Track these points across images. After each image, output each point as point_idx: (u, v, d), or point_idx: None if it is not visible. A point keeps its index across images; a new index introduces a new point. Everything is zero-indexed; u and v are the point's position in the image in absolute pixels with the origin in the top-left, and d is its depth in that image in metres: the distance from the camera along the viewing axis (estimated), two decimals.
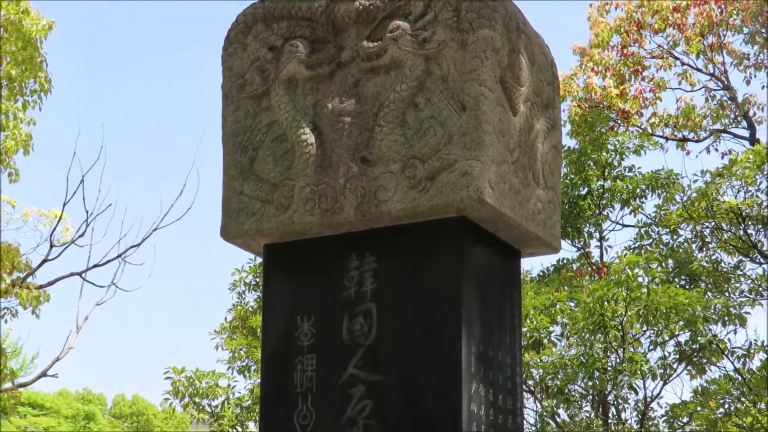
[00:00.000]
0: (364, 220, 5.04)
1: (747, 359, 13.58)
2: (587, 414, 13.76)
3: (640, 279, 13.10)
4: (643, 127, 19.87)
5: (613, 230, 16.80)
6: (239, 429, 14.88)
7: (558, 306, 13.50)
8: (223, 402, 15.18)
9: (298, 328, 5.15)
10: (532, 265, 18.12)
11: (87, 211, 15.11)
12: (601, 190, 16.24)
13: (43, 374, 14.38)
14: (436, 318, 4.88)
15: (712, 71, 20.79)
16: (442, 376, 4.81)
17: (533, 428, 14.04)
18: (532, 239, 5.34)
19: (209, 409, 15.16)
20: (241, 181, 5.33)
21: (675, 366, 13.81)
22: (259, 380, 14.51)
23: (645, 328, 13.50)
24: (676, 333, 13.54)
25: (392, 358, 4.92)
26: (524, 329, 13.13)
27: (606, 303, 12.85)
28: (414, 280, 4.97)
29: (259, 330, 15.05)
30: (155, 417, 45.64)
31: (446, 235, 4.96)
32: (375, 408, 4.91)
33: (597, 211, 16.34)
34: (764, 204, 14.70)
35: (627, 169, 16.39)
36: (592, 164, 16.12)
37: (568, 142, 16.82)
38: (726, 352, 13.58)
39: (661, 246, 15.60)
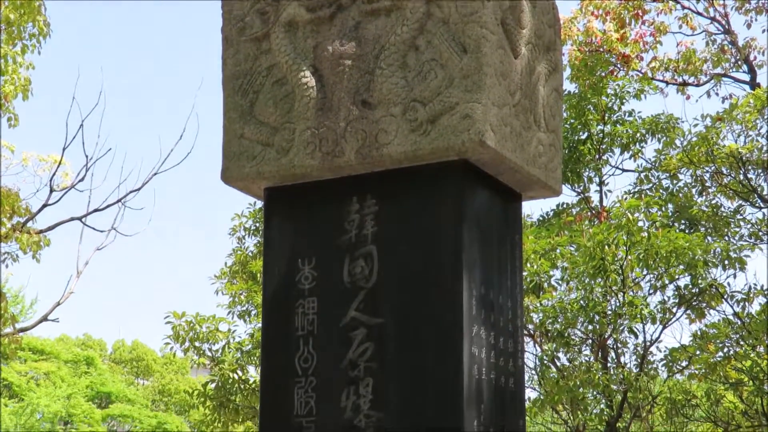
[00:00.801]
0: (365, 163, 5.03)
1: (746, 303, 13.60)
2: (587, 358, 13.81)
3: (640, 223, 13.10)
4: (643, 71, 19.80)
5: (612, 175, 16.80)
6: (240, 373, 14.93)
7: (558, 250, 13.51)
8: (223, 346, 15.23)
9: (298, 272, 5.15)
10: (532, 210, 18.20)
11: (87, 156, 15.10)
12: (601, 135, 16.21)
13: (44, 319, 14.42)
14: (436, 261, 4.88)
15: (712, 15, 20.68)
16: (442, 318, 4.82)
17: (533, 372, 14.10)
18: (533, 182, 5.33)
19: (210, 354, 15.22)
20: (241, 125, 5.31)
21: (674, 310, 13.84)
22: (259, 324, 14.55)
23: (645, 272, 13.51)
24: (676, 277, 13.55)
25: (393, 301, 4.93)
26: (524, 273, 13.13)
27: (606, 247, 12.86)
28: (415, 224, 4.96)
29: (259, 275, 15.07)
30: (155, 362, 45.80)
31: (447, 179, 4.95)
32: (376, 351, 4.92)
33: (597, 156, 16.32)
34: (764, 148, 14.67)
35: (627, 114, 16.35)
36: (592, 109, 16.08)
37: (568, 86, 16.76)
38: (725, 296, 13.60)
39: (661, 190, 15.60)
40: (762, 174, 14.98)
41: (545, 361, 13.70)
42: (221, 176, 5.38)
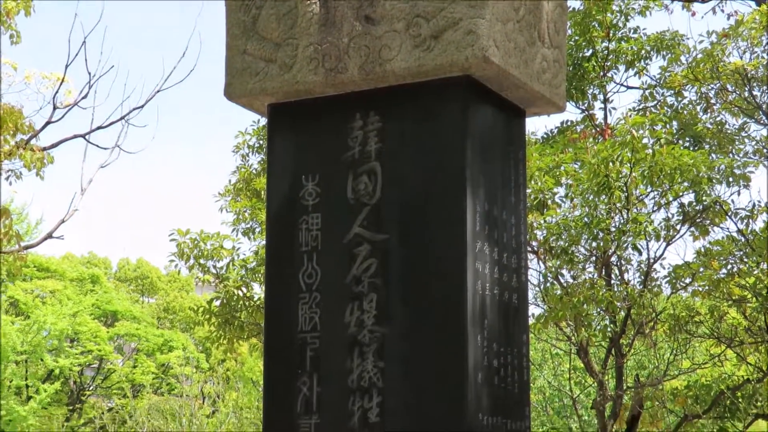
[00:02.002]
0: (368, 79, 5.02)
1: (750, 220, 13.59)
2: (591, 274, 13.84)
3: (644, 140, 13.06)
4: None
5: (617, 92, 16.72)
6: (244, 290, 14.99)
7: (562, 167, 13.49)
8: (227, 264, 15.28)
9: (302, 188, 5.16)
10: (536, 127, 18.14)
11: (89, 73, 15.02)
12: (606, 52, 16.12)
13: (49, 236, 14.45)
14: (440, 177, 4.89)
15: None
16: (446, 234, 4.83)
17: (537, 289, 14.16)
18: (537, 98, 5.31)
19: (214, 271, 15.27)
20: (244, 41, 5.29)
21: (678, 227, 13.85)
22: (263, 242, 14.60)
23: (649, 189, 13.51)
24: (680, 194, 13.55)
25: (397, 217, 4.94)
26: (528, 191, 13.14)
27: (610, 164, 12.84)
28: (418, 140, 4.96)
29: (263, 192, 15.08)
30: (160, 280, 45.99)
31: (451, 95, 4.94)
32: (380, 267, 4.94)
33: (601, 73, 16.24)
34: None
35: (632, 31, 16.24)
36: (596, 25, 15.96)
37: (573, 3, 16.63)
38: (729, 213, 13.60)
39: (666, 108, 15.53)
40: (767, 91, 14.91)
41: (549, 278, 13.74)
42: (224, 92, 5.37)
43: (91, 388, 39.39)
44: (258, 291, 15.20)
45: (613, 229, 13.25)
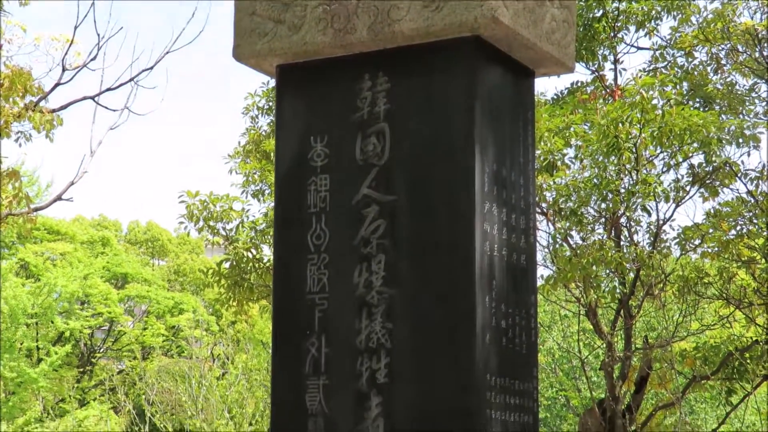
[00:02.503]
0: (377, 39, 5.01)
1: (760, 181, 13.58)
2: (600, 236, 13.84)
3: (654, 101, 13.03)
4: None
5: (627, 53, 16.67)
6: (254, 252, 15.01)
7: (572, 128, 13.46)
8: (237, 225, 15.30)
9: (311, 149, 5.16)
10: (546, 88, 18.07)
11: (98, 35, 14.98)
12: (616, 12, 16.05)
13: (59, 198, 14.46)
14: (449, 138, 4.88)
15: None
16: (455, 194, 4.83)
17: (547, 250, 14.16)
18: (546, 59, 5.29)
19: (224, 233, 15.29)
20: (252, 2, 5.27)
21: (688, 188, 13.84)
22: (272, 204, 14.60)
23: (659, 150, 13.49)
24: (690, 155, 13.52)
25: (405, 178, 4.94)
26: (538, 152, 13.12)
27: (620, 125, 12.81)
28: (427, 101, 4.95)
29: (272, 154, 15.07)
30: (170, 242, 46.06)
31: (459, 55, 4.92)
32: (388, 228, 4.94)
33: (611, 34, 16.17)
34: None
35: None
36: None
37: None
38: (739, 174, 13.58)
39: (676, 68, 15.48)
40: None
41: (558, 240, 13.75)
42: (233, 53, 5.37)
43: (101, 350, 39.55)
44: (267, 253, 15.22)
45: (622, 191, 13.25)
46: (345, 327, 4.95)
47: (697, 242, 13.77)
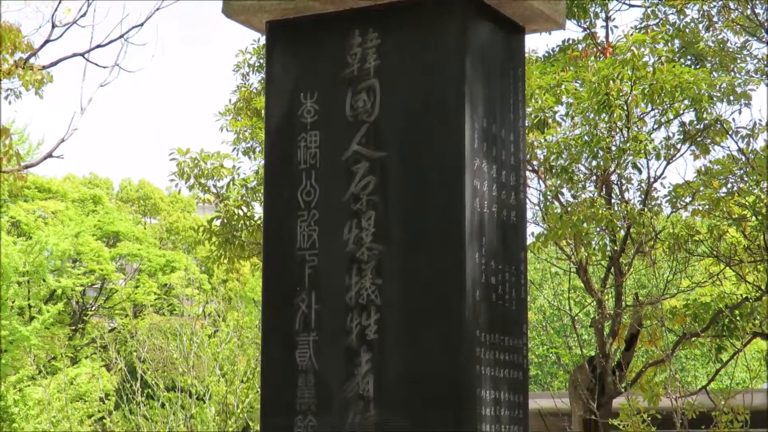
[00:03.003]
0: None
1: (751, 139, 13.59)
2: (591, 193, 13.85)
3: (645, 58, 13.01)
4: None
5: (619, 10, 16.62)
6: (245, 209, 15.00)
7: (563, 86, 13.43)
8: (228, 183, 15.28)
9: (301, 105, 5.15)
10: (537, 46, 18.03)
11: None
12: None
13: (49, 155, 14.43)
14: (439, 94, 4.87)
15: None
16: (445, 152, 4.83)
17: (537, 207, 14.18)
18: (536, 15, 5.28)
19: (214, 191, 15.27)
20: None
21: (679, 146, 13.84)
22: (263, 161, 14.58)
23: (650, 108, 13.47)
24: (681, 112, 13.52)
25: (395, 134, 4.94)
26: (529, 109, 13.11)
27: (611, 82, 12.79)
28: (417, 57, 4.94)
29: (263, 112, 15.01)
30: (162, 201, 45.98)
31: (450, 11, 4.91)
32: (378, 184, 4.94)
33: None
34: None
35: None
36: None
37: None
38: (730, 132, 13.58)
39: (668, 26, 15.43)
40: None
41: (549, 197, 13.75)
42: (222, 10, 5.34)
43: (93, 308, 39.57)
44: (258, 210, 15.21)
45: (613, 148, 13.25)
46: (335, 283, 4.96)
47: (687, 200, 13.78)
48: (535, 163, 13.67)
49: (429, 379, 4.73)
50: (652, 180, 14.05)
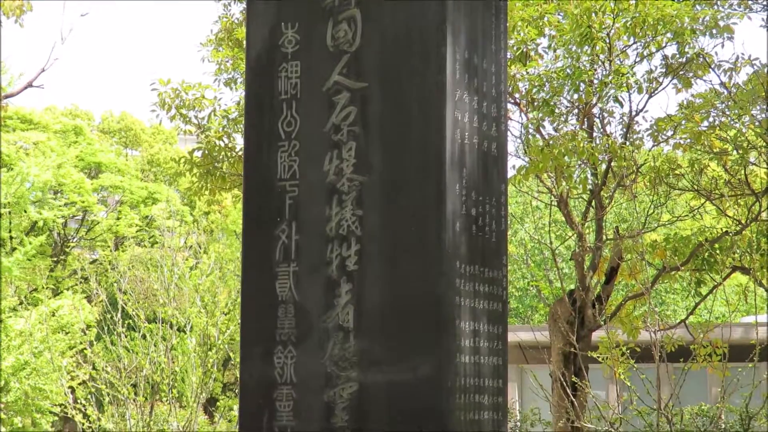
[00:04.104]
0: None
1: (733, 73, 13.55)
2: (572, 126, 13.84)
3: None
4: None
5: None
6: (226, 140, 14.95)
7: (546, 18, 13.38)
8: (209, 114, 15.21)
9: (282, 35, 5.11)
10: None
11: None
12: None
13: (29, 85, 14.35)
14: (421, 25, 4.84)
15: None
16: (426, 82, 4.81)
17: (519, 140, 14.17)
18: None
19: (196, 122, 15.20)
20: None
21: (661, 79, 13.82)
22: (244, 92, 14.49)
23: (632, 41, 13.44)
24: (663, 45, 13.48)
25: (377, 65, 4.91)
26: (511, 42, 13.06)
27: (594, 15, 12.74)
28: None
29: (244, 42, 14.92)
30: (143, 132, 45.79)
31: None
32: (359, 115, 4.93)
33: None
34: None
35: None
36: None
37: None
38: (712, 66, 13.56)
39: None
40: None
41: (531, 130, 13.74)
42: None
43: (74, 240, 39.53)
44: (239, 141, 15.15)
45: (595, 81, 13.23)
46: (315, 214, 4.96)
47: (669, 133, 13.79)
48: (517, 95, 13.65)
49: (408, 310, 4.75)
50: (633, 113, 14.06)
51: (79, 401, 14.52)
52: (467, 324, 4.89)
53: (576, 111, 13.96)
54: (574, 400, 12.85)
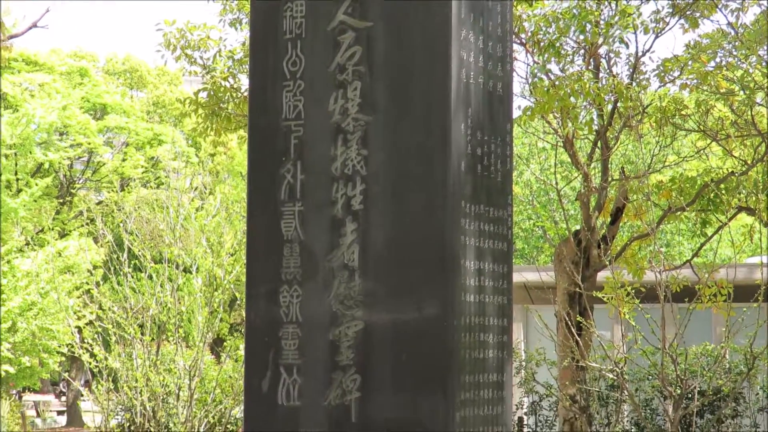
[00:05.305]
0: None
1: (740, 13, 13.49)
2: (578, 67, 13.79)
3: None
4: None
5: None
6: (231, 81, 14.91)
7: None
8: (214, 55, 15.15)
9: None
10: None
11: None
12: None
13: (34, 25, 14.33)
14: None
15: None
16: (431, 21, 4.80)
17: (525, 81, 14.12)
18: None
19: (201, 62, 15.14)
20: None
21: (668, 20, 13.75)
22: (249, 32, 14.42)
23: None
24: None
25: (382, 4, 4.90)
26: None
27: None
28: None
29: None
30: (149, 74, 45.67)
31: None
32: (364, 54, 4.92)
33: None
34: None
35: None
36: None
37: None
38: (719, 6, 13.49)
39: None
40: None
41: (537, 71, 13.68)
42: None
43: (80, 182, 39.57)
44: (245, 82, 15.10)
45: (601, 22, 13.15)
46: (320, 154, 4.96)
47: (676, 74, 13.73)
48: (522, 36, 13.58)
49: (413, 249, 4.77)
50: (640, 54, 14.00)
51: (86, 341, 14.60)
52: (472, 263, 4.90)
53: (582, 52, 13.90)
54: (578, 339, 12.90)
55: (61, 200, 37.73)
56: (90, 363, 14.42)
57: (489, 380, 5.04)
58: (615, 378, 12.79)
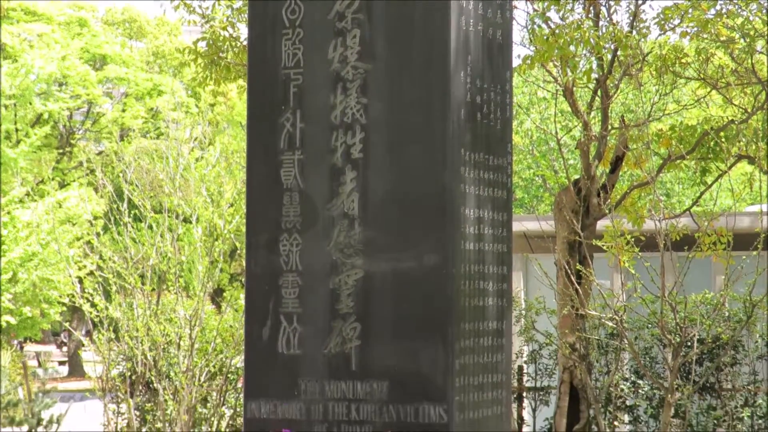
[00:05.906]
0: None
1: None
2: (578, 15, 13.72)
3: None
4: None
5: None
6: (230, 30, 14.83)
7: None
8: (213, 3, 15.06)
9: None
10: None
11: None
12: None
13: None
14: None
15: None
16: None
17: (524, 29, 14.06)
18: None
19: (200, 11, 15.05)
20: None
21: None
22: None
23: None
24: None
25: None
26: None
27: None
28: None
29: None
30: (148, 24, 45.53)
31: None
32: (363, 2, 4.92)
33: None
34: None
35: None
36: None
37: None
38: None
39: None
40: None
41: (536, 19, 13.62)
42: None
43: (80, 132, 39.53)
44: (244, 32, 15.03)
45: None
46: (320, 102, 4.96)
47: (676, 22, 13.65)
48: None
49: (413, 197, 4.77)
50: (640, 2, 13.92)
51: (86, 291, 14.62)
52: (471, 211, 4.91)
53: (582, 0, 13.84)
54: (578, 288, 12.92)
55: (61, 151, 37.72)
56: (91, 313, 14.45)
57: (488, 328, 5.07)
58: (614, 326, 12.82)
